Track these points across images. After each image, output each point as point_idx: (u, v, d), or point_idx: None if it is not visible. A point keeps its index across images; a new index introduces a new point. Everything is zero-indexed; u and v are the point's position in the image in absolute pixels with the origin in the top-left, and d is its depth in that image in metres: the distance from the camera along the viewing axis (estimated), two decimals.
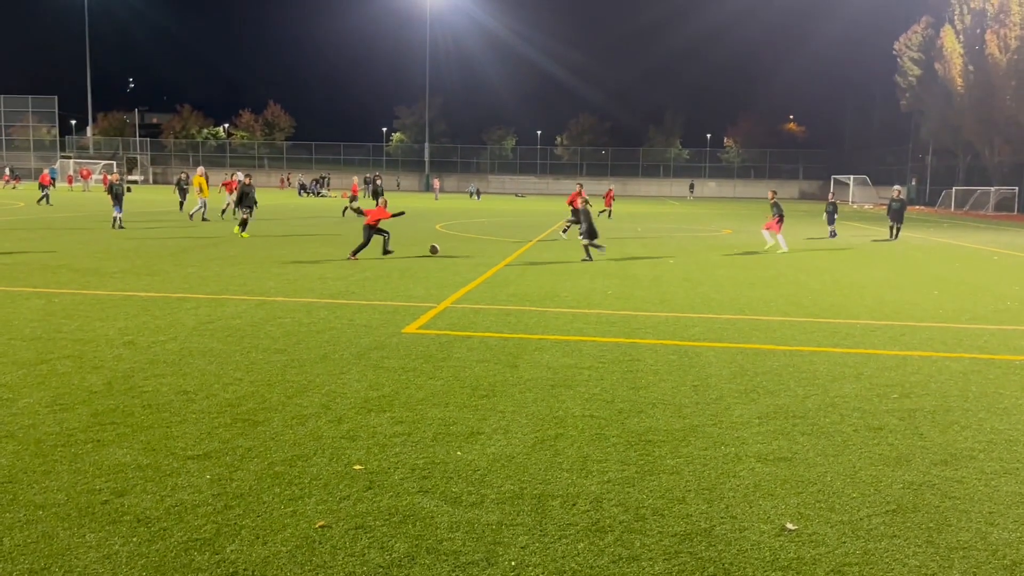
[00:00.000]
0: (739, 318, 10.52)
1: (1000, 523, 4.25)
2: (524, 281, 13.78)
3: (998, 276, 16.15)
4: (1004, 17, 51.49)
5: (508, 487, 4.62)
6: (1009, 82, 51.17)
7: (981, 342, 9.12)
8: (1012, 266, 18.36)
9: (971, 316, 10.92)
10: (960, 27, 57.79)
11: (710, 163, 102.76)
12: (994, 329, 9.97)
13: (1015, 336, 9.54)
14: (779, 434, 5.69)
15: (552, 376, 7.19)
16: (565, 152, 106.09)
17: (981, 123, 56.85)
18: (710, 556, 3.83)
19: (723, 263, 17.63)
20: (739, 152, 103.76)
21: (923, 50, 64.78)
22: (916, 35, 66.27)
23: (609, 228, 26.38)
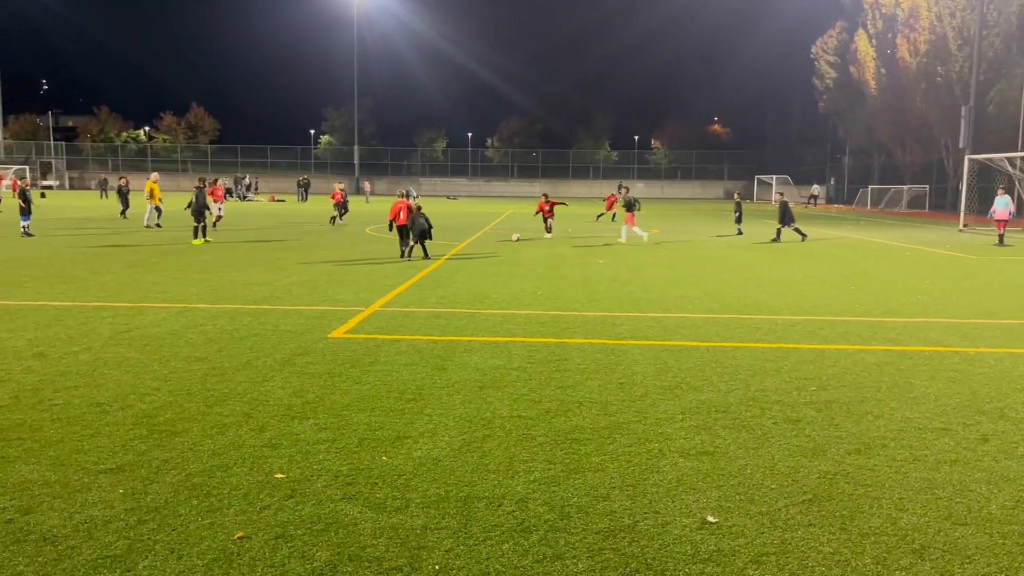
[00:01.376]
0: (665, 316, 10.69)
1: (909, 508, 4.41)
2: (454, 283, 13.73)
3: (910, 271, 16.81)
4: (914, 22, 53.66)
5: (434, 490, 4.59)
6: (919, 85, 53.34)
7: (894, 335, 9.47)
8: (923, 261, 19.14)
9: (885, 310, 11.33)
10: (873, 31, 59.99)
11: (638, 164, 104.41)
12: (906, 322, 10.37)
13: (925, 328, 9.93)
14: (702, 429, 5.79)
15: (480, 378, 7.18)
16: (496, 154, 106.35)
17: (893, 124, 59.13)
18: (633, 552, 3.87)
19: (650, 262, 17.90)
20: (666, 154, 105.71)
21: (839, 54, 67.09)
22: (832, 39, 68.58)
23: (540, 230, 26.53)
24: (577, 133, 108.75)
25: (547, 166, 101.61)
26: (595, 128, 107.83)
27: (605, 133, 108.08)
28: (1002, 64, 48.90)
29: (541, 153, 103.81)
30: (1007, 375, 7.46)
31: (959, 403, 6.50)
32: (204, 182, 22.68)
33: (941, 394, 6.77)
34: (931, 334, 9.52)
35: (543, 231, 25.48)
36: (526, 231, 26.87)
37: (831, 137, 77.02)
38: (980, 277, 15.80)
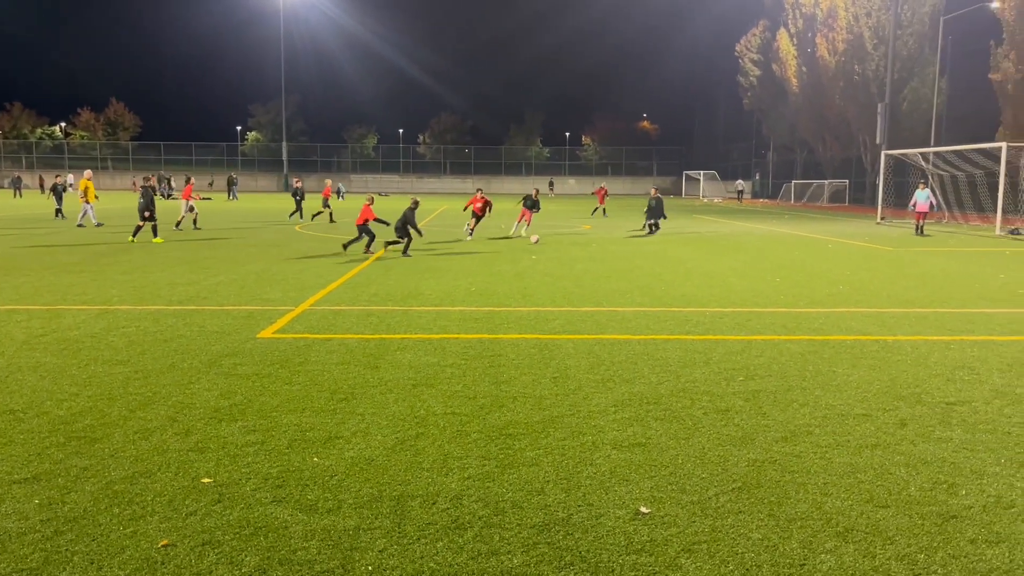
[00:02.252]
0: (597, 310, 10.78)
1: (833, 493, 4.54)
2: (387, 280, 13.60)
3: (832, 263, 17.36)
4: (832, 21, 55.41)
5: (366, 491, 4.52)
6: (837, 83, 55.12)
7: (817, 324, 9.75)
8: (843, 253, 19.79)
9: (808, 301, 11.66)
10: (794, 30, 61.74)
11: (570, 161, 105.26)
12: (828, 312, 10.69)
13: (846, 318, 10.26)
14: (634, 420, 5.85)
15: (414, 375, 7.12)
16: (428, 151, 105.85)
17: (814, 121, 60.98)
18: (567, 545, 3.88)
19: (582, 257, 18.05)
20: (597, 150, 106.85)
21: (762, 52, 68.86)
22: (755, 37, 70.34)
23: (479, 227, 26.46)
24: (509, 130, 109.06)
25: (479, 162, 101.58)
26: (526, 125, 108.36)
27: (536, 130, 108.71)
28: (915, 63, 50.94)
29: (473, 150, 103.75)
30: (923, 361, 7.75)
31: (879, 389, 6.73)
32: (148, 180, 22.20)
33: (862, 381, 7.00)
34: (852, 323, 9.84)
35: (473, 230, 23.68)
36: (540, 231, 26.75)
37: (756, 133, 79.01)
38: (897, 268, 16.41)
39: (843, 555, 3.79)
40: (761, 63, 69.01)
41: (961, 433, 5.59)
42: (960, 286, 13.43)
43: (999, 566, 3.70)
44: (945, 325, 9.76)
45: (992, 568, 3.68)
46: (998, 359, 7.85)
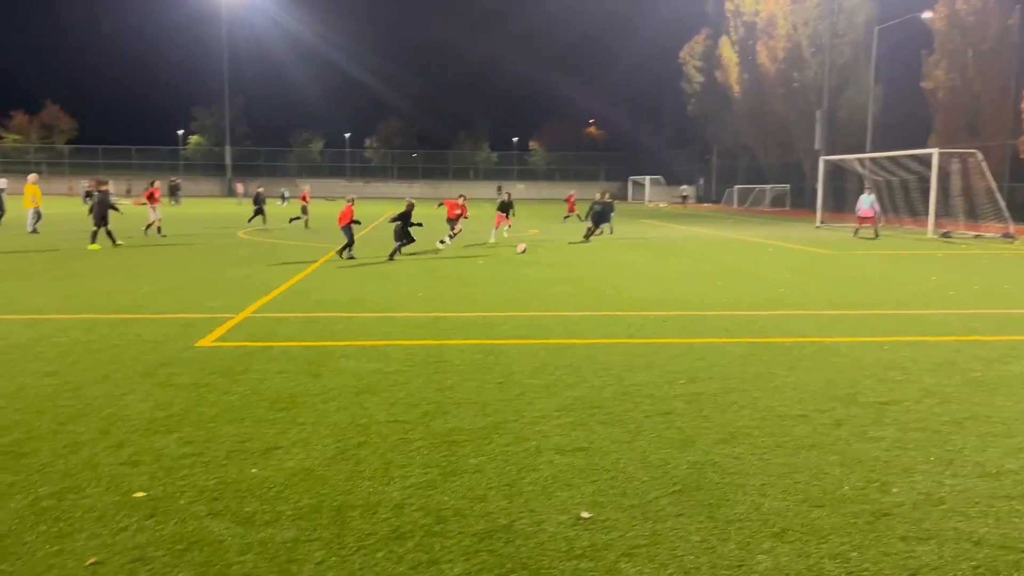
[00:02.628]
0: (543, 314, 10.81)
1: (771, 493, 4.62)
2: (331, 286, 13.44)
3: (773, 266, 17.71)
4: (772, 30, 56.66)
5: (306, 501, 4.45)
6: (778, 89, 56.37)
7: (758, 327, 9.93)
8: (784, 257, 20.21)
9: (750, 304, 11.87)
10: (735, 38, 62.98)
11: (518, 166, 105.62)
12: (769, 315, 10.90)
13: (785, 320, 10.47)
14: (577, 425, 5.88)
15: (357, 383, 7.04)
16: (375, 155, 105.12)
17: (756, 127, 62.26)
18: (508, 552, 3.87)
19: (529, 261, 18.10)
20: (545, 156, 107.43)
21: (705, 59, 70.08)
22: (698, 45, 71.57)
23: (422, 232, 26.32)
24: (457, 134, 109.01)
25: (427, 167, 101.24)
26: (474, 130, 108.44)
27: (484, 135, 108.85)
28: (852, 71, 52.36)
29: (421, 154, 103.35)
30: (859, 362, 7.95)
31: (816, 390, 6.88)
32: (103, 185, 21.71)
33: (800, 382, 7.14)
34: (791, 326, 10.05)
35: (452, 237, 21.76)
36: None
37: (700, 139, 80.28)
38: (834, 271, 16.82)
39: (779, 555, 3.86)
40: (704, 70, 70.22)
41: (893, 432, 5.74)
42: (894, 288, 13.82)
43: (928, 562, 3.80)
44: (879, 327, 10.03)
45: (922, 565, 3.78)
46: (928, 359, 8.09)
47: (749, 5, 60.77)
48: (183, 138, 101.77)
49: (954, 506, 4.43)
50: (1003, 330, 9.82)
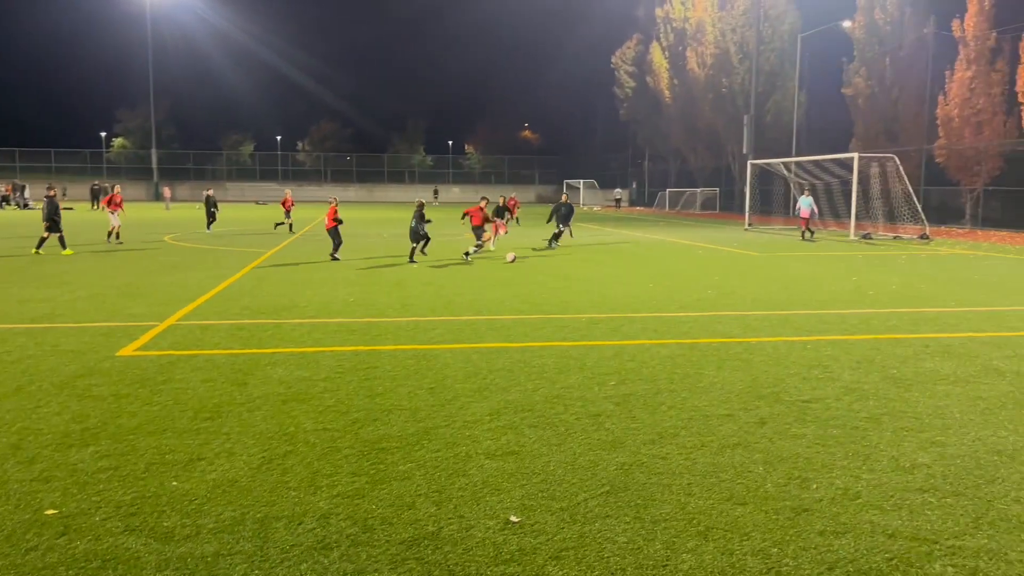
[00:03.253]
0: (477, 319, 10.80)
1: (696, 492, 4.70)
2: (260, 292, 13.17)
3: (702, 268, 18.06)
4: (700, 36, 57.81)
5: (228, 514, 4.34)
6: (707, 95, 57.53)
7: (686, 328, 10.10)
8: (713, 259, 20.63)
9: (679, 305, 12.08)
10: (666, 44, 64.03)
11: (453, 169, 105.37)
12: (697, 316, 11.10)
13: (714, 321, 10.68)
14: (508, 429, 5.88)
15: (285, 391, 6.91)
16: (308, 158, 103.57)
17: (686, 131, 63.39)
18: (436, 559, 3.84)
19: (464, 266, 18.06)
20: (480, 159, 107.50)
21: (636, 64, 71.03)
22: (629, 50, 72.50)
23: (354, 234, 26.06)
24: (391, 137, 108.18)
25: (361, 170, 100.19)
26: (409, 132, 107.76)
27: (419, 138, 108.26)
28: (777, 77, 53.80)
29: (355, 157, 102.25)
30: (783, 361, 8.16)
31: (741, 389, 7.03)
32: (51, 190, 21.04)
33: (726, 382, 7.29)
34: (718, 326, 10.25)
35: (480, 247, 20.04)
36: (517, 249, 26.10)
37: (632, 143, 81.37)
38: (761, 272, 17.24)
39: (703, 553, 3.92)
40: (636, 75, 71.18)
41: (814, 429, 5.91)
42: (817, 289, 14.24)
43: (845, 556, 3.91)
44: (803, 326, 10.32)
45: (839, 558, 3.89)
46: (849, 357, 8.36)
47: (679, 12, 61.89)
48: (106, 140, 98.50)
49: (870, 500, 4.58)
50: (919, 328, 10.20)
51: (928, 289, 14.24)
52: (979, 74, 36.35)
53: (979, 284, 15.06)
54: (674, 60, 62.75)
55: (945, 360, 8.24)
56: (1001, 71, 35.70)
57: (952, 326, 10.34)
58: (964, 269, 18.09)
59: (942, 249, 24.51)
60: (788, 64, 52.15)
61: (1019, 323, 10.60)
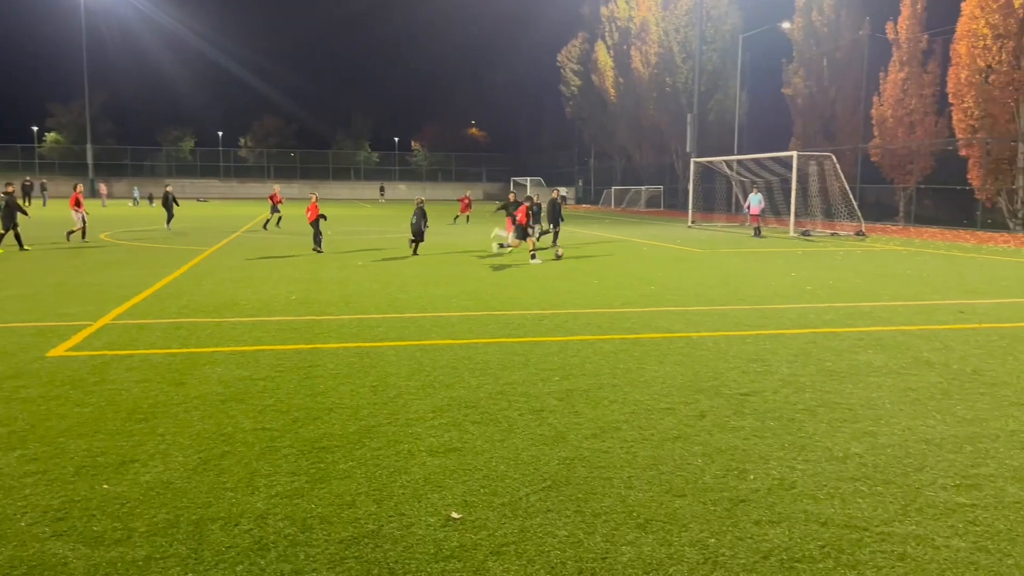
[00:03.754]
0: (421, 316, 10.74)
1: (637, 486, 4.74)
2: (200, 291, 12.89)
3: (646, 265, 18.27)
4: (645, 35, 58.46)
5: (162, 516, 4.23)
6: (651, 93, 58.21)
7: (629, 324, 10.21)
8: (657, 255, 20.89)
9: (623, 301, 12.19)
10: (610, 43, 64.59)
11: (400, 166, 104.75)
12: (640, 311, 11.22)
13: (656, 316, 10.81)
14: (451, 425, 5.86)
15: (223, 391, 6.77)
16: (250, 154, 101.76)
17: (631, 129, 64.09)
18: (376, 558, 3.81)
19: (411, 263, 17.96)
20: (427, 156, 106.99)
21: (582, 62, 71.51)
22: (575, 48, 72.96)
23: (297, 232, 25.68)
24: (336, 134, 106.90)
25: (306, 167, 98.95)
26: (355, 129, 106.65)
27: (365, 135, 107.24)
28: (719, 77, 54.69)
29: (299, 153, 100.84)
30: (723, 355, 8.30)
31: (682, 383, 7.13)
32: (9, 187, 20.51)
33: (668, 376, 7.38)
34: (661, 322, 10.38)
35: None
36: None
37: (579, 141, 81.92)
38: (703, 268, 17.51)
39: (642, 545, 3.96)
40: (582, 73, 71.65)
41: (752, 421, 6.02)
42: (757, 284, 14.52)
43: (780, 544, 3.99)
44: (742, 321, 10.51)
45: (774, 547, 3.97)
46: (786, 351, 8.54)
47: (623, 11, 62.49)
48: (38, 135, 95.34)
49: (804, 490, 4.68)
50: (854, 322, 10.47)
51: (863, 284, 14.63)
52: (911, 75, 37.49)
53: (911, 279, 15.54)
54: (619, 59, 63.33)
55: (878, 353, 8.47)
56: (932, 73, 36.88)
57: (885, 320, 10.65)
58: (897, 265, 18.65)
59: (877, 245, 25.22)
60: (730, 64, 53.05)
61: (947, 316, 10.97)
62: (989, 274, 16.60)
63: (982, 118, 32.14)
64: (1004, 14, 30.72)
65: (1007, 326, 10.22)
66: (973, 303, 12.30)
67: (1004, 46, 30.91)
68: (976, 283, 14.94)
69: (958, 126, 33.41)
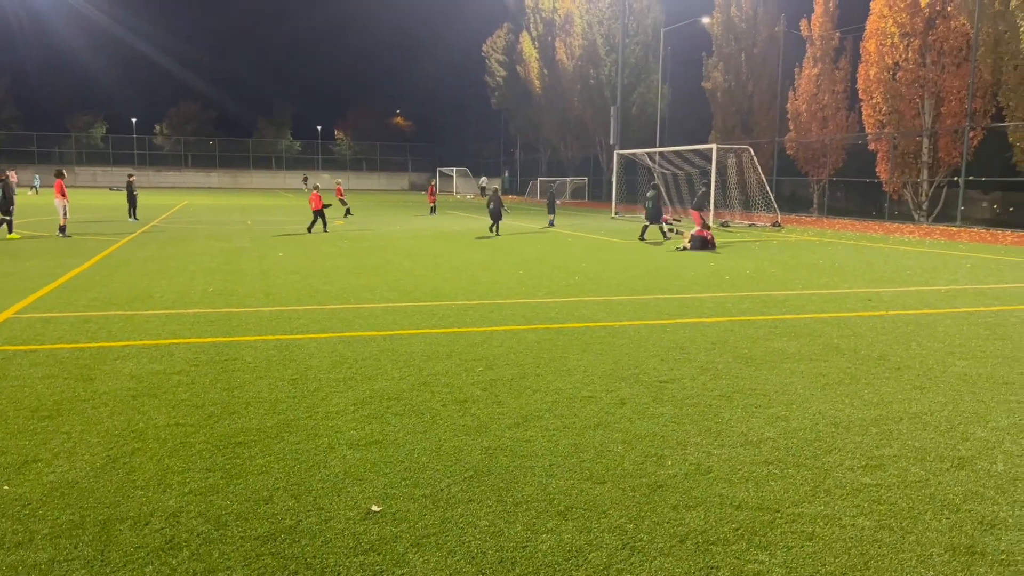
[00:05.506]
0: (344, 307, 10.59)
1: (558, 474, 4.78)
2: (111, 282, 12.41)
3: (570, 255, 18.43)
4: (569, 27, 58.86)
5: (67, 517, 4.06)
6: (575, 86, 58.68)
7: (553, 313, 10.28)
8: (581, 246, 21.10)
9: (547, 291, 12.27)
10: (535, 34, 64.82)
11: (323, 155, 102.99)
12: (564, 301, 11.32)
13: (580, 306, 10.92)
14: (373, 418, 5.79)
15: (135, 386, 6.54)
16: (166, 142, 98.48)
17: (556, 121, 64.51)
18: (293, 553, 3.74)
19: (333, 253, 17.69)
20: (350, 145, 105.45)
21: (507, 53, 71.56)
22: (500, 39, 72.94)
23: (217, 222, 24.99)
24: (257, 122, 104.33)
25: (225, 155, 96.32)
26: (276, 117, 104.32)
27: (287, 122, 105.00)
28: (642, 70, 55.53)
29: (218, 141, 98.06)
30: (643, 344, 8.43)
31: (604, 372, 7.21)
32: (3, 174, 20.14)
33: (590, 365, 7.47)
34: (584, 311, 10.49)
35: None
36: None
37: (504, 132, 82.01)
38: (626, 258, 17.77)
39: (562, 533, 4.00)
40: (506, 64, 71.69)
41: (671, 408, 6.14)
42: (678, 274, 14.82)
43: (696, 528, 4.08)
44: (663, 310, 10.70)
45: (691, 530, 4.05)
46: (704, 339, 8.74)
47: (547, 3, 62.74)
48: None
49: (720, 474, 4.80)
50: (769, 310, 10.79)
51: (778, 273, 15.09)
52: (824, 71, 38.79)
53: (823, 268, 16.10)
54: (544, 50, 63.60)
55: (791, 340, 8.75)
56: (844, 69, 38.27)
57: (798, 308, 11.00)
58: (810, 254, 19.30)
59: (792, 236, 26.04)
60: (652, 57, 53.91)
61: (857, 304, 11.41)
62: (895, 263, 17.33)
63: (889, 113, 33.51)
64: (911, 13, 32.05)
65: (911, 313, 10.69)
66: (880, 291, 12.82)
67: (910, 44, 32.26)
68: (883, 272, 15.58)
69: (867, 121, 34.77)
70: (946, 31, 31.48)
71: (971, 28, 30.38)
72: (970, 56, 30.62)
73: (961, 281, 14.33)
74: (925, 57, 32.28)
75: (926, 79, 32.19)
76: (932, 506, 4.39)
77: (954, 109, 31.75)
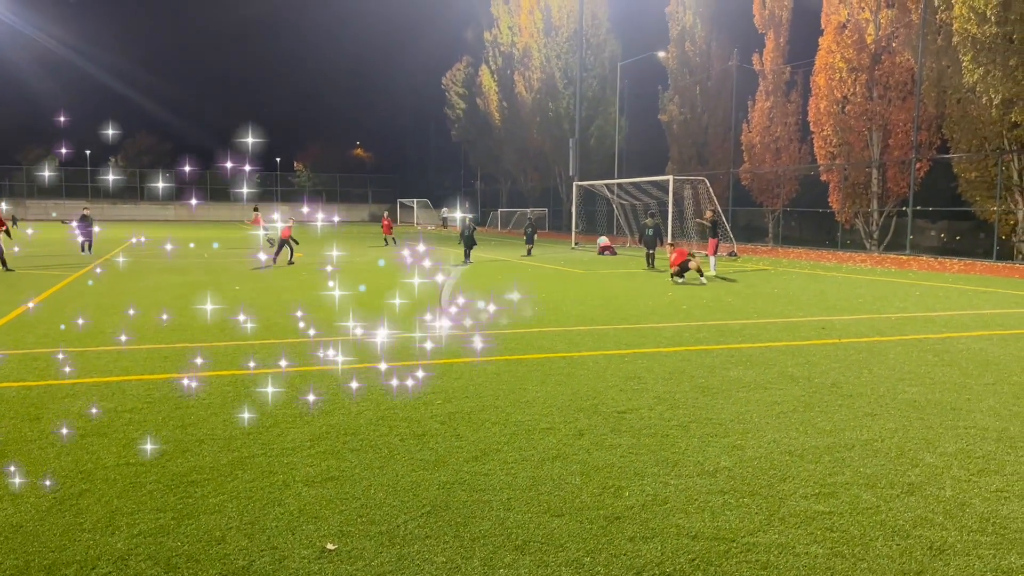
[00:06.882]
0: (303, 341, 10.48)
1: (516, 507, 4.77)
2: (63, 318, 12.14)
3: (533, 285, 18.49)
4: (527, 61, 59.56)
5: (10, 563, 3.94)
6: (535, 118, 59.27)
7: (512, 344, 10.29)
8: (541, 276, 21.20)
9: (506, 322, 12.28)
10: (494, 67, 65.45)
11: (282, 187, 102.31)
12: (524, 332, 11.34)
13: (539, 337, 10.95)
14: (329, 454, 5.73)
15: (84, 425, 6.39)
16: (122, 174, 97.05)
17: (516, 153, 64.99)
18: None
19: (290, 287, 17.53)
20: (310, 176, 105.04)
21: (467, 86, 72.12)
22: (460, 72, 73.54)
23: (175, 255, 24.63)
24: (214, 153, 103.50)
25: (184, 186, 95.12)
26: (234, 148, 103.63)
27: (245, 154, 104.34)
28: (600, 103, 56.30)
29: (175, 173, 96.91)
30: (601, 374, 8.48)
31: (563, 403, 7.24)
32: None
33: (549, 396, 7.48)
34: (543, 342, 10.52)
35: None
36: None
37: (464, 163, 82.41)
38: (585, 289, 17.89)
39: (520, 567, 3.98)
40: (466, 97, 72.22)
41: (628, 439, 6.17)
42: (636, 304, 14.95)
43: (652, 559, 4.10)
44: (622, 340, 10.78)
45: (647, 562, 4.07)
46: (662, 369, 8.82)
47: (506, 36, 63.45)
48: None
49: (676, 505, 4.83)
50: (725, 339, 10.93)
51: (734, 302, 15.31)
52: (776, 104, 39.78)
53: (778, 297, 16.38)
54: (503, 83, 64.20)
55: (747, 369, 8.87)
56: (795, 102, 39.27)
57: (754, 336, 11.17)
58: (766, 284, 19.62)
59: (748, 265, 26.47)
60: (609, 90, 54.70)
61: (810, 333, 11.61)
62: (848, 292, 17.70)
63: (840, 145, 34.41)
64: (857, 49, 33.09)
65: (863, 340, 10.91)
66: (833, 319, 13.07)
67: (858, 79, 33.26)
68: (836, 300, 15.90)
69: (819, 153, 35.65)
70: (891, 66, 32.56)
71: (915, 63, 31.45)
72: (915, 90, 31.66)
73: (911, 309, 14.68)
74: (872, 91, 33.29)
75: (873, 112, 33.16)
76: (883, 532, 4.46)
77: (901, 141, 32.73)
